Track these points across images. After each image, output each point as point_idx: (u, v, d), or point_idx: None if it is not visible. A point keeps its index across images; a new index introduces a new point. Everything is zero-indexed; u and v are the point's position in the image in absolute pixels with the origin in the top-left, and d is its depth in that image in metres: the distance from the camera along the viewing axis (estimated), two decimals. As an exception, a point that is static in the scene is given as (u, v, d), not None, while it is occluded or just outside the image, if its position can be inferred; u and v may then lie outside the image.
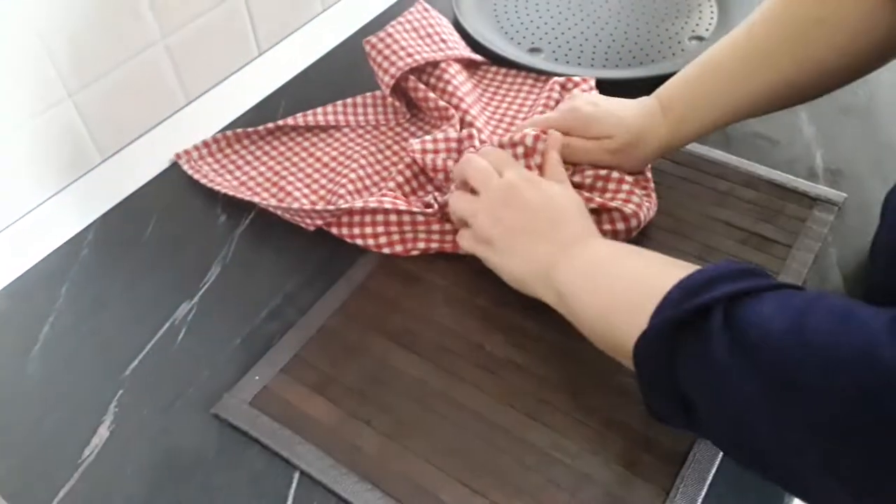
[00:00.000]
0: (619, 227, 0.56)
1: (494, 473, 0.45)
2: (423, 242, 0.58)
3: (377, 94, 0.71)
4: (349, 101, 0.71)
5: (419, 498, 0.44)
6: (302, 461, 0.46)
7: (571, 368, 0.51)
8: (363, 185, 0.63)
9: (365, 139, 0.69)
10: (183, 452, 0.47)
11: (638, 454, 0.46)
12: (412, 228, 0.58)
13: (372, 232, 0.58)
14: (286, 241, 0.60)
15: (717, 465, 0.45)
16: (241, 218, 0.62)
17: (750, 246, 0.58)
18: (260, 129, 0.68)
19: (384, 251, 0.58)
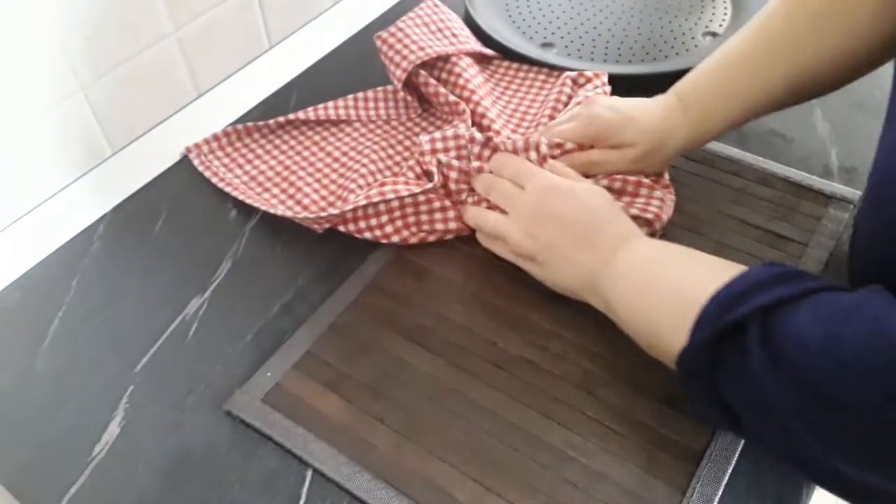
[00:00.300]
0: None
1: (508, 471, 0.45)
2: (427, 225, 0.58)
3: (388, 88, 0.71)
4: (360, 95, 0.70)
5: (433, 496, 0.44)
6: (315, 459, 0.46)
7: (585, 365, 0.50)
8: (374, 179, 0.62)
9: (376, 134, 0.68)
10: (195, 449, 0.47)
11: (654, 452, 0.46)
12: (415, 211, 0.57)
13: (377, 223, 0.57)
14: (297, 236, 0.60)
15: (733, 463, 0.45)
16: (251, 213, 0.62)
17: (765, 244, 0.57)
18: (271, 122, 0.68)
19: (393, 240, 0.58)
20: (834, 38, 0.51)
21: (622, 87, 0.66)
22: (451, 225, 0.58)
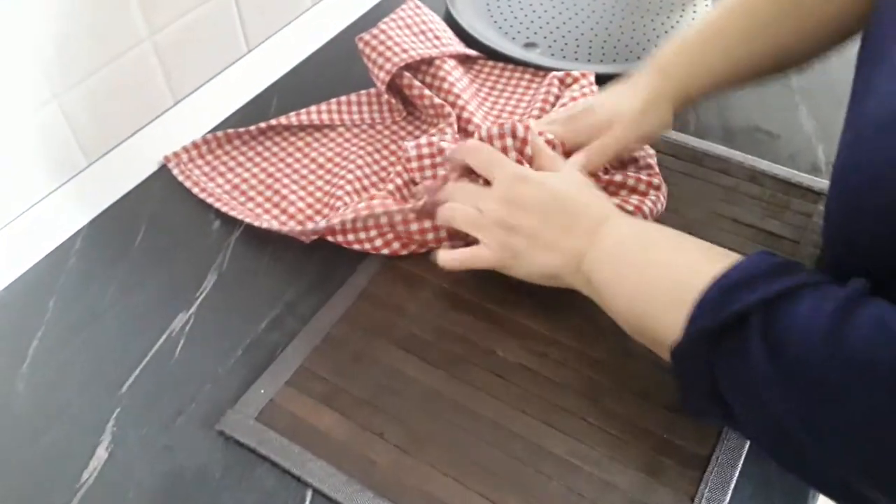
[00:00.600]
0: None
1: (514, 483, 0.44)
2: (417, 235, 0.56)
3: (372, 91, 0.69)
4: (343, 99, 0.69)
5: (438, 512, 0.43)
6: (314, 478, 0.44)
7: (587, 372, 0.49)
8: (361, 185, 0.61)
9: (361, 138, 0.67)
10: (187, 472, 0.45)
11: (659, 459, 0.45)
12: (403, 220, 0.56)
13: (366, 236, 0.56)
14: (284, 246, 0.58)
15: (740, 467, 0.44)
16: (236, 223, 0.60)
17: (759, 243, 0.57)
18: (252, 128, 0.66)
19: (383, 252, 0.56)
20: (815, 8, 0.52)
21: (607, 86, 0.65)
22: (441, 234, 0.57)
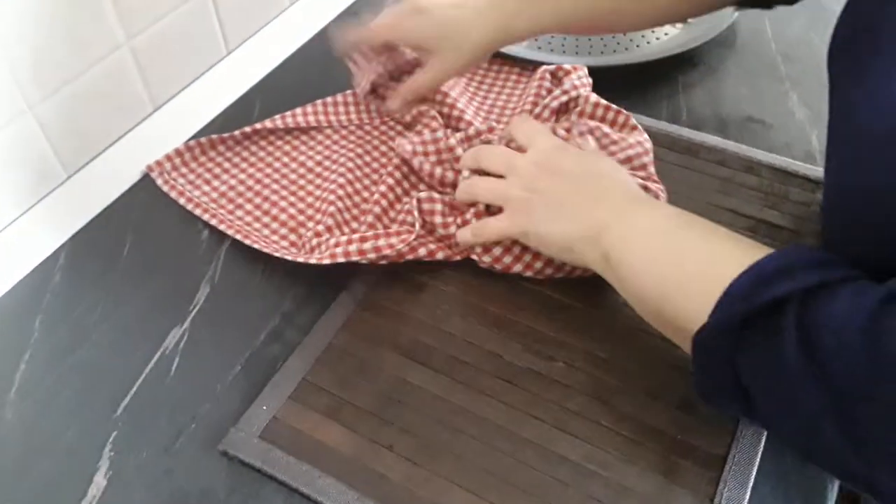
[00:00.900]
0: None
1: (529, 492, 0.43)
2: (409, 255, 0.54)
3: (357, 91, 0.68)
4: (329, 100, 0.67)
5: (454, 526, 0.42)
6: (324, 496, 0.43)
7: (596, 374, 0.48)
8: (353, 188, 0.59)
9: (349, 140, 0.65)
10: (190, 496, 0.43)
11: (675, 460, 0.44)
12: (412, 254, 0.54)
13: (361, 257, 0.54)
14: (276, 257, 0.56)
15: (757, 464, 0.44)
16: (225, 232, 0.58)
17: (759, 234, 0.57)
18: (236, 133, 0.64)
19: (380, 262, 0.54)
20: None
21: (596, 78, 0.64)
22: (438, 255, 0.55)
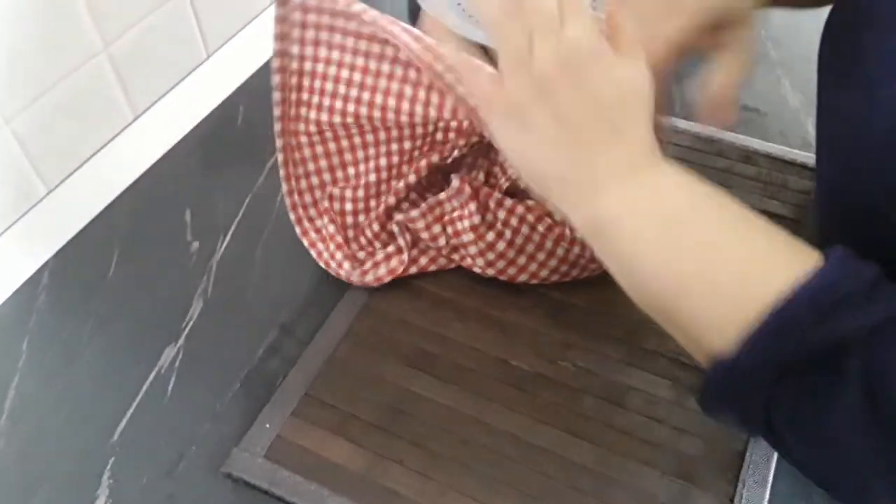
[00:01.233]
0: None
1: (546, 502, 0.42)
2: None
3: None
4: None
5: (472, 541, 0.41)
6: (335, 515, 0.42)
7: (606, 376, 0.47)
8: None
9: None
10: (196, 521, 0.42)
11: (692, 463, 0.44)
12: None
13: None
14: (271, 264, 0.55)
15: (775, 461, 0.43)
16: (215, 243, 0.56)
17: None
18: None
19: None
20: None
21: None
22: (431, 268, 0.54)
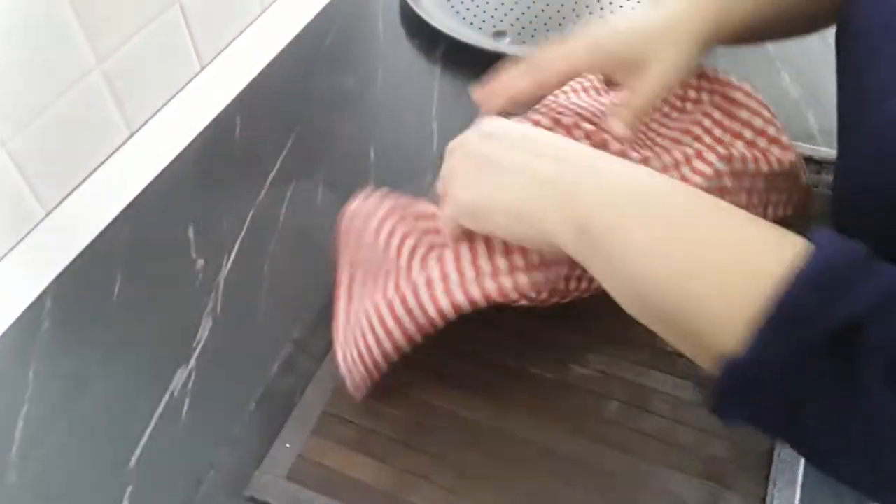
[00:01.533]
0: None
1: (578, 512, 0.42)
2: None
3: None
4: None
5: (505, 555, 0.40)
6: (365, 536, 0.41)
7: (629, 378, 0.47)
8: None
9: None
10: (221, 548, 0.41)
11: (721, 464, 0.43)
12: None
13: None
14: (280, 280, 0.53)
15: (804, 460, 0.43)
16: (221, 260, 0.55)
17: (771, 219, 0.56)
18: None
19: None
20: None
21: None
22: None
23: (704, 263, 0.31)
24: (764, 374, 0.29)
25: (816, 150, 0.60)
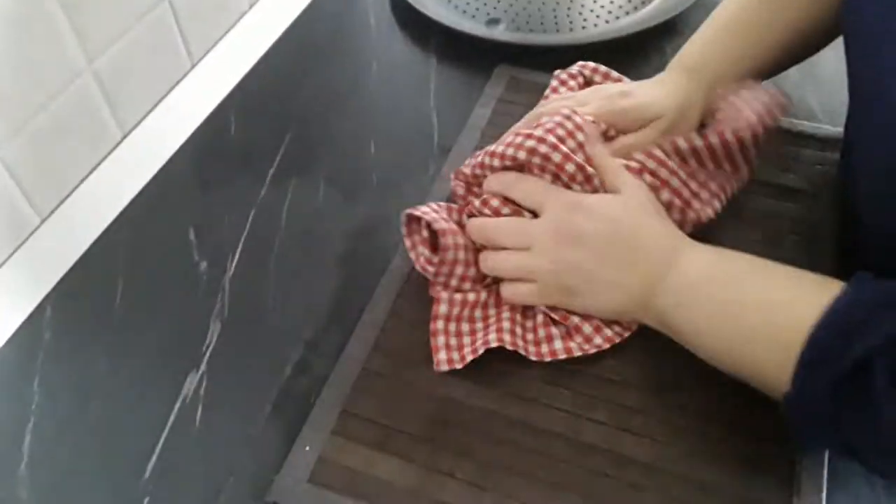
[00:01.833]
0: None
1: (607, 502, 0.41)
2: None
3: None
4: None
5: (538, 549, 0.39)
6: (393, 537, 0.40)
7: (649, 365, 0.46)
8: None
9: None
10: (245, 556, 0.40)
11: (748, 446, 0.43)
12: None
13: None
14: (287, 279, 0.52)
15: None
16: (225, 260, 0.54)
17: (781, 199, 0.56)
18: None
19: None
20: None
21: (581, 55, 0.61)
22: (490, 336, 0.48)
23: (749, 332, 0.40)
24: (809, 409, 0.37)
25: (819, 127, 0.60)
